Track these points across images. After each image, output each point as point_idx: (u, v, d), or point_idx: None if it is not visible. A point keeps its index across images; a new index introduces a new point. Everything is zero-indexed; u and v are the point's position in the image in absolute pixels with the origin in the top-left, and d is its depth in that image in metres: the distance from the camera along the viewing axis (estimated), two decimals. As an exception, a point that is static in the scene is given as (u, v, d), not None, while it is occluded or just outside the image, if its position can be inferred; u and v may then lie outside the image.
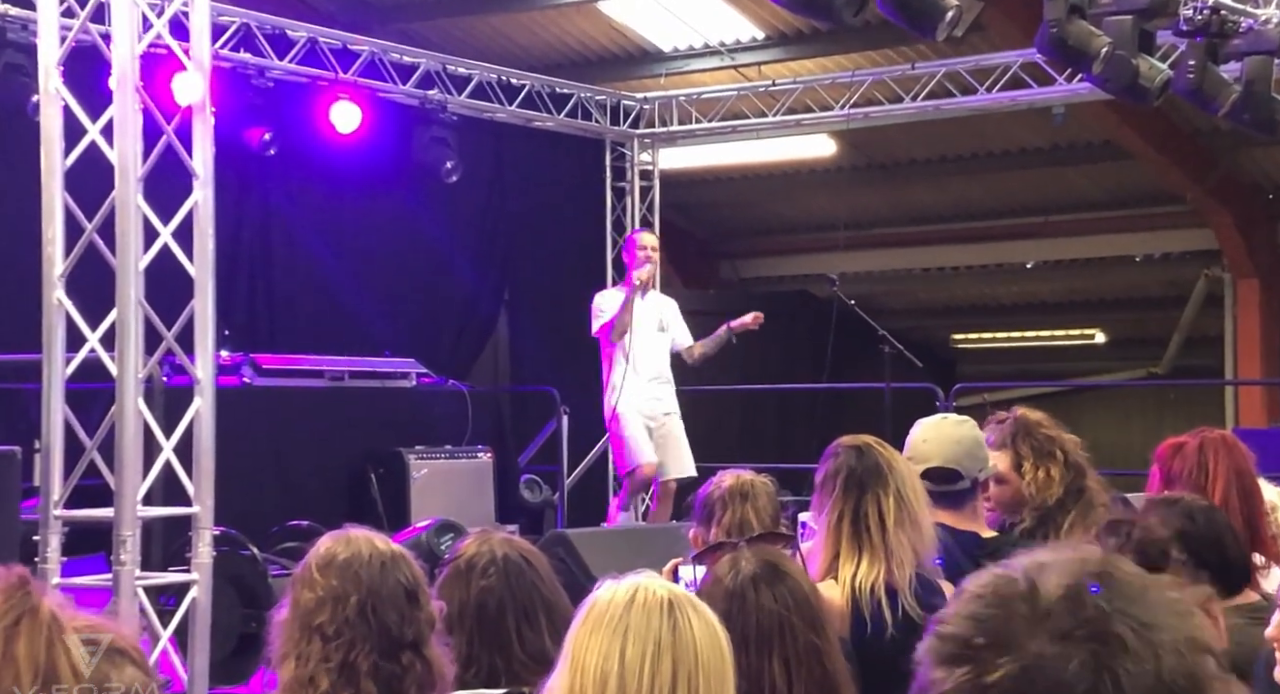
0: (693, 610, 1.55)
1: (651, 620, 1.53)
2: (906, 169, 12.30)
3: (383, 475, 6.82)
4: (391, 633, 1.99)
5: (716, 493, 3.32)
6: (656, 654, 1.51)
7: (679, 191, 11.80)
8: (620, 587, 1.59)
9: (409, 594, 2.04)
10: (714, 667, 1.54)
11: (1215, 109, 6.50)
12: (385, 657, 1.97)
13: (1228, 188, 11.32)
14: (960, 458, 3.14)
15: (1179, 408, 13.28)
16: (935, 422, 3.28)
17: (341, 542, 2.09)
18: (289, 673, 1.99)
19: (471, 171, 8.46)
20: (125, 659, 1.02)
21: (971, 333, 15.56)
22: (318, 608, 2.00)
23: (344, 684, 1.94)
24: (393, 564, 2.06)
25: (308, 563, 2.10)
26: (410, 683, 1.98)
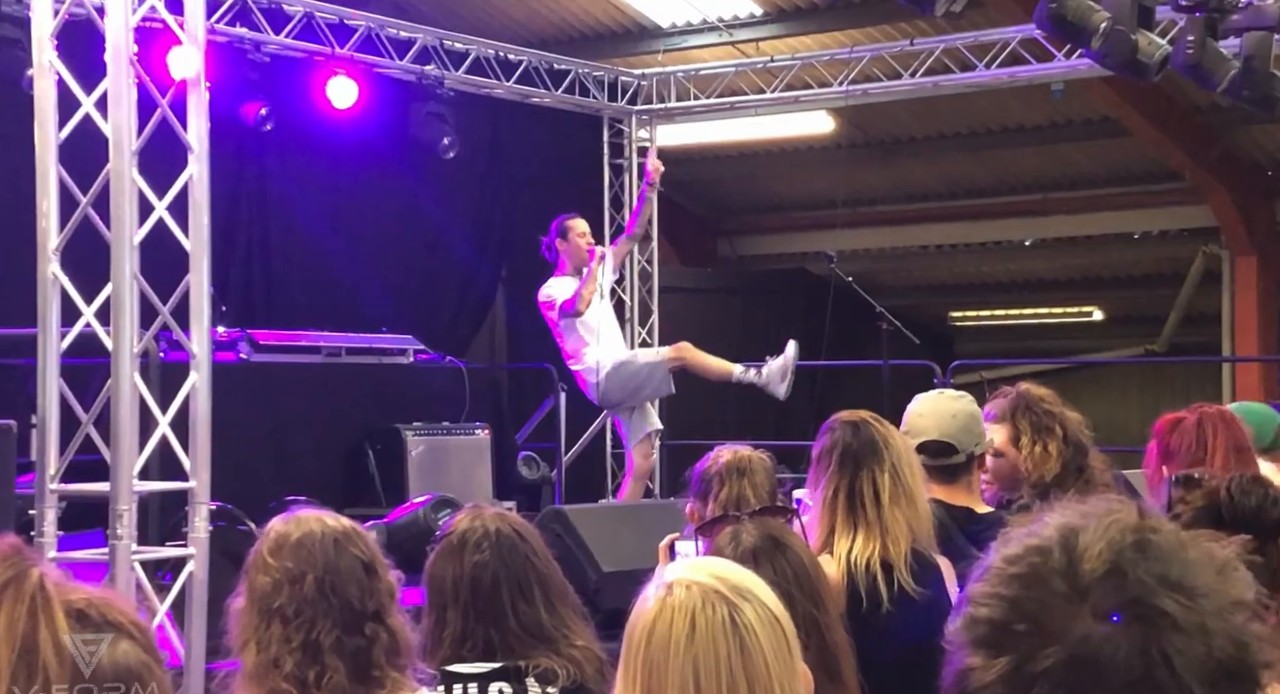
0: (754, 616, 1.50)
1: (720, 649, 1.48)
2: (905, 146, 12.27)
3: (380, 452, 6.82)
4: (354, 607, 1.99)
5: (713, 468, 3.32)
6: (734, 684, 1.47)
7: (676, 168, 11.74)
8: (673, 609, 1.50)
9: (366, 567, 2.04)
10: (784, 667, 1.51)
11: (1214, 85, 6.48)
12: (348, 631, 1.98)
13: (1226, 165, 11.29)
14: (956, 432, 3.14)
15: (1176, 385, 13.29)
16: (932, 396, 3.27)
17: (292, 523, 2.09)
18: (251, 659, 1.99)
19: (469, 148, 8.44)
20: (121, 633, 1.00)
21: (969, 310, 15.55)
22: (274, 591, 2.01)
23: (309, 663, 1.95)
24: (346, 539, 2.06)
25: (259, 548, 2.09)
26: (378, 652, 1.99)
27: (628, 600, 1.57)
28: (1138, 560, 0.85)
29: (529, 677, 2.32)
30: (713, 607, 1.49)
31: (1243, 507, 1.79)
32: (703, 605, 1.50)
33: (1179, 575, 0.85)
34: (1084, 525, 0.88)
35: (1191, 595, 0.84)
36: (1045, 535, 0.89)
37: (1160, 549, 0.86)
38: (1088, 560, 0.86)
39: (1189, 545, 0.88)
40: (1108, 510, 0.89)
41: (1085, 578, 0.85)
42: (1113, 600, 0.84)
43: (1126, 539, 0.86)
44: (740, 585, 1.53)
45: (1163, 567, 0.85)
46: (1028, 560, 0.88)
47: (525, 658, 2.33)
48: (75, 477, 3.95)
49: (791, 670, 1.51)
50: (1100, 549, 0.86)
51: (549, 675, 2.32)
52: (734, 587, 1.52)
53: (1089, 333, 15.21)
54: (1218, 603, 0.84)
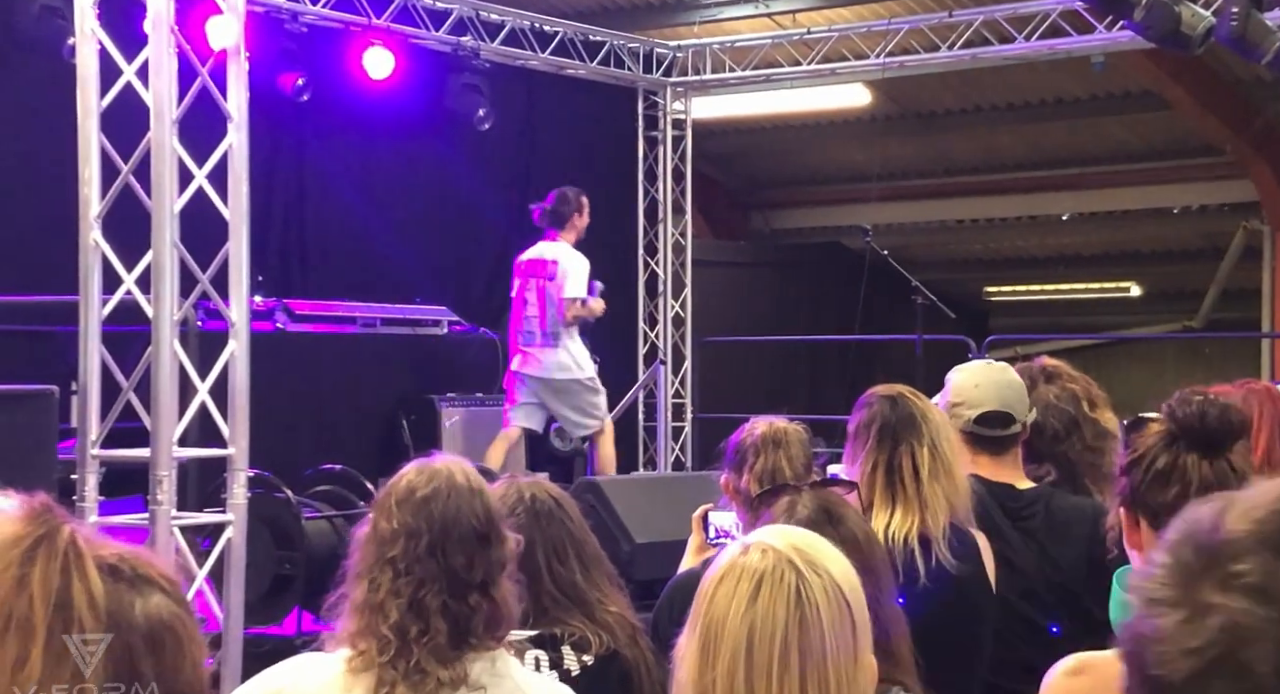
0: (821, 592, 1.48)
1: (778, 616, 1.48)
2: (942, 119, 12.17)
3: (414, 422, 6.86)
4: (459, 575, 1.99)
5: (749, 439, 3.31)
6: (785, 652, 1.47)
7: (711, 141, 11.73)
8: (748, 560, 1.50)
9: (479, 536, 2.02)
10: (843, 650, 1.50)
11: (1259, 57, 6.38)
12: (454, 597, 1.98)
13: (1268, 139, 11.14)
14: (1013, 402, 3.07)
15: (1214, 362, 13.17)
16: (980, 366, 3.20)
17: (425, 474, 2.06)
18: (362, 593, 2.00)
19: (504, 119, 8.43)
20: (153, 587, 1.01)
21: (1005, 285, 15.46)
22: (392, 540, 2.00)
23: (414, 619, 1.96)
24: (469, 504, 2.04)
25: (389, 491, 2.07)
26: (478, 622, 1.99)
27: (661, 571, 1.58)
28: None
29: (565, 645, 2.34)
30: (781, 574, 1.49)
31: (1185, 418, 1.78)
32: (772, 571, 1.50)
33: None
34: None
35: None
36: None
37: None
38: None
39: None
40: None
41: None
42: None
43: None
44: (816, 560, 1.51)
45: None
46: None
47: (560, 624, 2.34)
48: (116, 443, 4.00)
49: (851, 655, 1.50)
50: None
51: (583, 644, 2.34)
52: (810, 559, 1.51)
53: (1126, 308, 15.09)
54: None
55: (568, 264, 6.93)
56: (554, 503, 2.46)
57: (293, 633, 5.08)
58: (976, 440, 3.04)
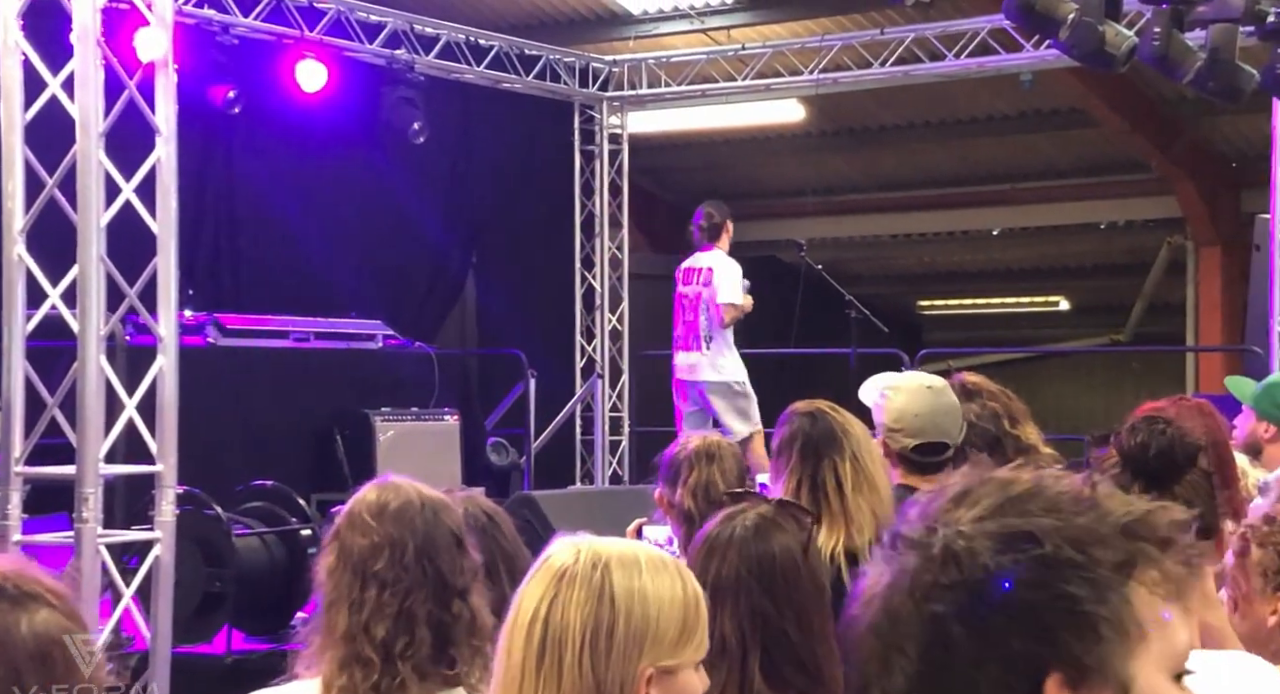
0: (590, 573, 1.55)
1: (582, 609, 1.54)
2: (875, 135, 12.32)
3: (348, 437, 6.81)
4: (446, 580, 1.98)
5: (682, 454, 3.33)
6: (530, 626, 1.54)
7: (648, 155, 11.76)
8: (559, 560, 1.59)
9: (458, 541, 2.03)
10: (592, 630, 1.54)
11: (1180, 77, 6.52)
12: (439, 604, 1.97)
13: (1192, 156, 11.40)
14: (950, 428, 3.08)
15: (1141, 374, 13.43)
16: (920, 391, 3.14)
17: (390, 490, 2.05)
18: (342, 620, 1.96)
19: (439, 133, 8.41)
20: (39, 603, 0.99)
21: (938, 299, 15.65)
22: (373, 554, 1.97)
23: (401, 631, 1.93)
24: (443, 510, 2.05)
25: (356, 510, 2.04)
26: (461, 631, 1.98)
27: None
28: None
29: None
30: (588, 569, 1.56)
31: (1131, 451, 1.82)
32: (582, 565, 1.57)
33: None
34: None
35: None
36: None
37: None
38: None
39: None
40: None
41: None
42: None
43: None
44: (630, 558, 1.57)
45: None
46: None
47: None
48: (41, 459, 3.94)
49: (603, 649, 1.54)
50: None
51: None
52: (623, 558, 1.57)
53: (1056, 322, 15.34)
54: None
55: (723, 270, 7.33)
56: (487, 518, 2.45)
57: (222, 651, 5.02)
58: (910, 463, 3.08)
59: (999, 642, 0.90)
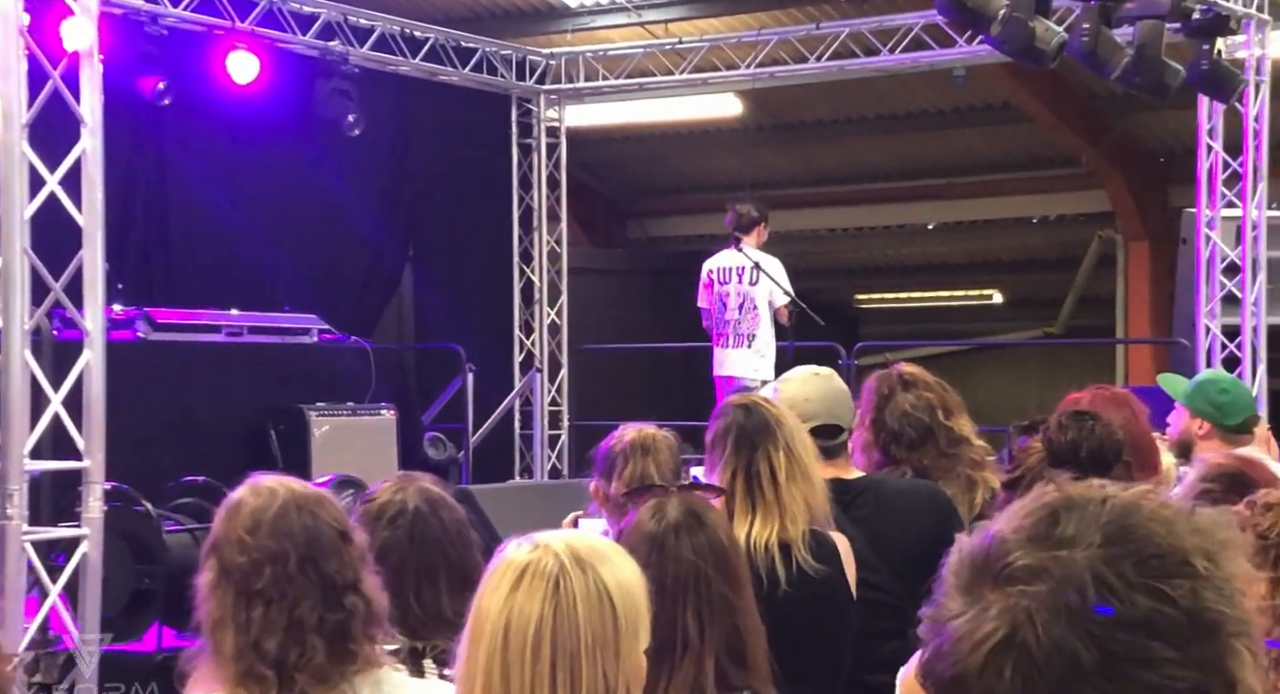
0: (581, 587, 1.53)
1: (533, 607, 1.52)
2: (812, 129, 12.39)
3: (283, 432, 6.75)
4: (335, 581, 1.94)
5: (618, 447, 3.33)
6: (538, 642, 1.51)
7: (586, 149, 11.76)
8: (517, 554, 1.56)
9: (341, 535, 1.98)
10: (601, 640, 1.53)
11: (1108, 72, 6.63)
12: (330, 607, 1.93)
13: (1121, 151, 11.59)
14: (840, 412, 3.20)
15: (1072, 366, 13.60)
16: (807, 378, 3.30)
17: (263, 495, 1.98)
18: (230, 641, 1.90)
19: (375, 125, 8.34)
20: None
21: (874, 293, 15.79)
22: (254, 572, 1.91)
23: (293, 642, 1.89)
24: (319, 508, 1.98)
25: (230, 525, 1.97)
26: (356, 625, 1.94)
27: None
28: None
29: (426, 658, 2.31)
30: (545, 569, 1.54)
31: (1061, 448, 1.86)
32: (535, 564, 1.54)
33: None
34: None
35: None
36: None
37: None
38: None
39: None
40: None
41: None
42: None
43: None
44: (584, 556, 1.55)
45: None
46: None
47: (425, 639, 2.31)
48: (-36, 457, 3.86)
49: (612, 651, 1.53)
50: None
51: (445, 658, 2.30)
52: (577, 555, 1.55)
53: (989, 315, 15.53)
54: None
55: (769, 268, 7.34)
56: (434, 515, 2.36)
57: (153, 649, 4.96)
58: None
59: (1154, 666, 0.86)
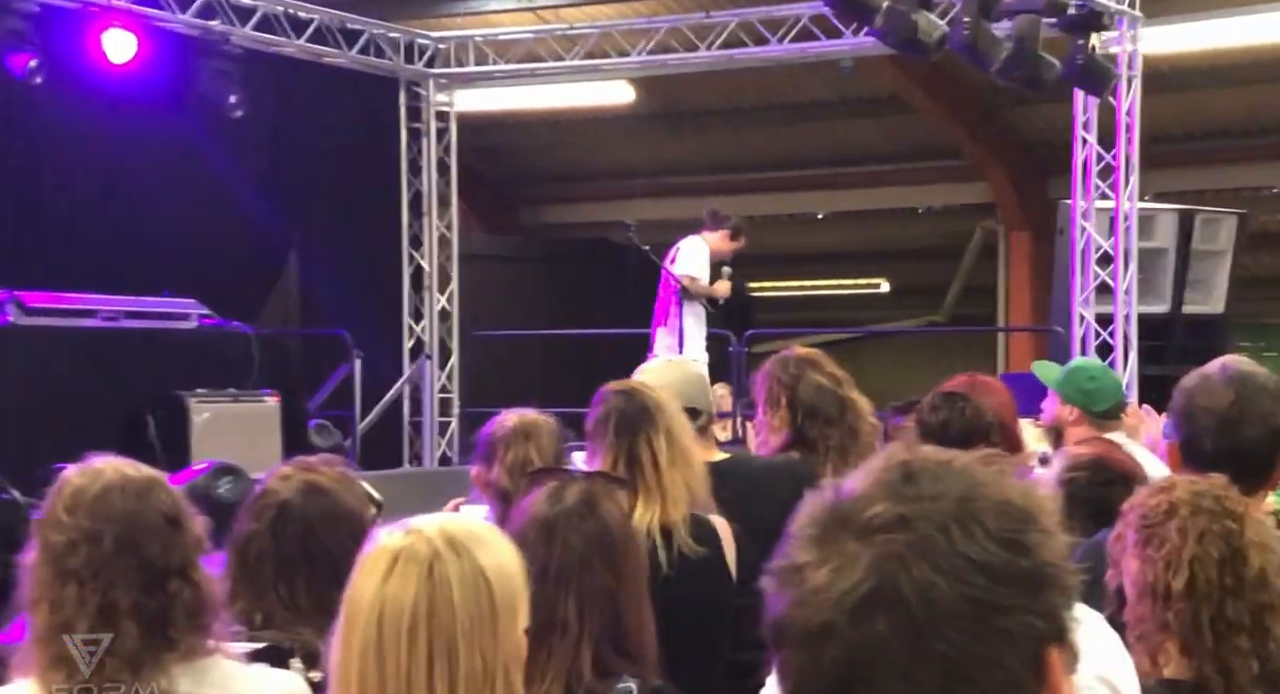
0: (456, 571, 1.52)
1: (407, 593, 1.51)
2: (703, 118, 12.47)
3: (161, 418, 6.58)
4: (155, 564, 1.91)
5: (500, 432, 3.32)
6: (414, 627, 1.50)
7: (478, 135, 11.67)
8: (389, 540, 1.55)
9: (169, 520, 1.95)
10: (478, 623, 1.52)
11: (988, 65, 6.79)
12: (148, 591, 1.90)
13: (1002, 143, 11.87)
14: (697, 396, 3.25)
15: (956, 354, 13.90)
16: (662, 366, 3.46)
17: (89, 475, 1.96)
18: (43, 620, 1.89)
19: (258, 107, 8.18)
20: None
21: (766, 281, 15.94)
22: (69, 551, 1.89)
23: (102, 625, 1.87)
24: (148, 490, 1.96)
25: (52, 503, 1.96)
26: (178, 611, 1.91)
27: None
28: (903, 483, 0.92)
29: (294, 657, 2.26)
30: (417, 554, 1.53)
31: (932, 427, 1.91)
32: (407, 549, 1.53)
33: (941, 489, 0.91)
34: (858, 472, 0.95)
35: (957, 502, 0.90)
36: (825, 486, 0.96)
37: (921, 470, 0.92)
38: (854, 494, 0.93)
39: (954, 463, 0.94)
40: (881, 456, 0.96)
41: (849, 507, 0.92)
42: (864, 519, 0.91)
43: (889, 466, 0.93)
44: (460, 540, 1.55)
45: (926, 485, 0.91)
46: (808, 507, 0.95)
47: (289, 635, 2.26)
48: None
49: (490, 632, 1.53)
50: (865, 482, 0.93)
51: (313, 657, 2.25)
52: (451, 540, 1.54)
53: (877, 304, 15.80)
54: (981, 506, 0.90)
55: (685, 247, 7.55)
56: (307, 512, 2.29)
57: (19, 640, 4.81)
58: None
59: (1010, 613, 0.88)
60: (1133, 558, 2.07)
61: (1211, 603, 2.00)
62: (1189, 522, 2.04)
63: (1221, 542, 2.02)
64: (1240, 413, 2.39)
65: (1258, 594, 2.02)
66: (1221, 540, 2.02)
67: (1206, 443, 2.37)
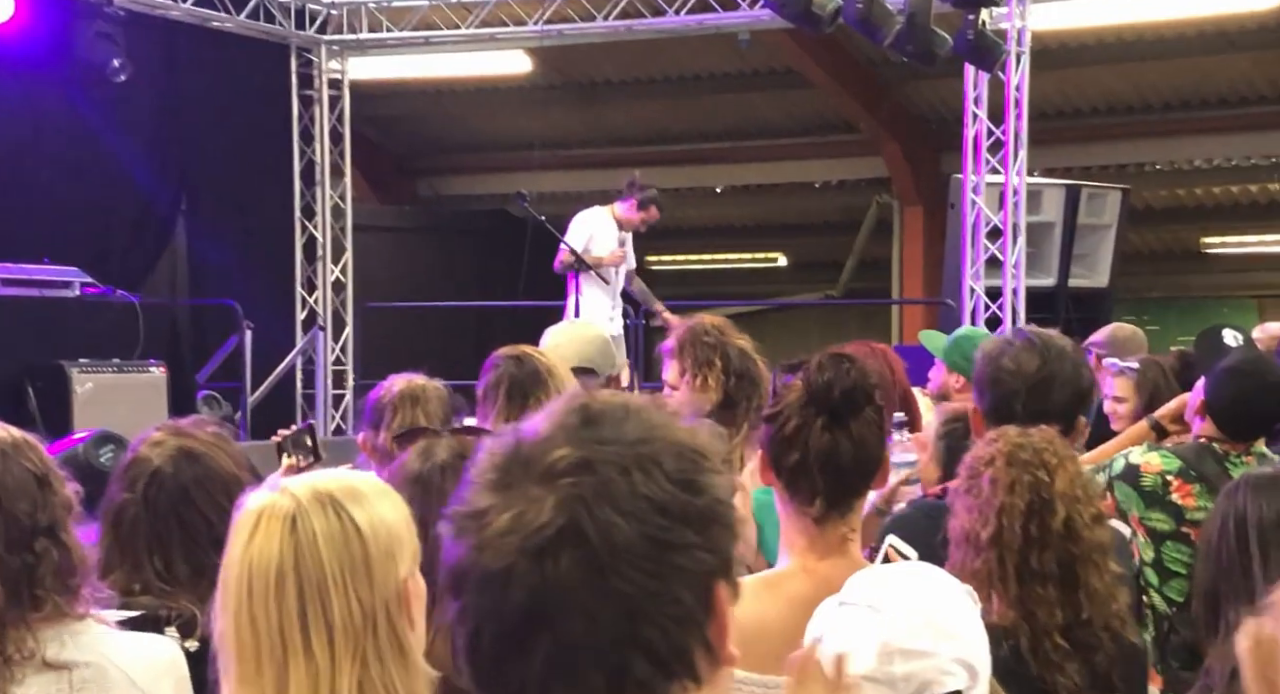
0: (322, 526, 1.51)
1: (271, 549, 1.50)
2: (602, 89, 12.43)
3: (41, 389, 6.41)
4: (22, 522, 1.88)
5: (387, 397, 3.30)
6: (280, 583, 1.49)
7: (372, 104, 11.50)
8: (254, 501, 1.54)
9: (39, 479, 1.92)
10: (350, 570, 1.51)
11: (880, 39, 6.87)
12: (13, 548, 1.87)
13: (897, 118, 12.02)
14: (594, 356, 3.31)
15: (852, 326, 14.10)
16: (565, 326, 3.47)
17: None
18: None
19: (143, 71, 7.96)
20: None
21: (665, 255, 15.99)
22: None
23: None
24: (16, 451, 1.93)
25: None
26: (45, 570, 1.88)
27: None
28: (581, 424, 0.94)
29: (169, 625, 2.22)
30: (280, 509, 1.52)
31: (818, 387, 1.94)
32: (271, 507, 1.53)
33: (622, 432, 0.93)
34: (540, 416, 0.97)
35: (633, 444, 0.93)
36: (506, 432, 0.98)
37: (600, 414, 0.95)
38: (534, 438, 0.95)
39: (633, 407, 0.96)
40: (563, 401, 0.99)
41: (527, 451, 0.94)
42: (546, 463, 0.93)
43: (568, 410, 0.95)
44: (328, 493, 1.54)
45: (605, 429, 0.93)
46: (489, 452, 0.97)
47: (165, 604, 2.22)
48: None
49: (364, 578, 1.52)
50: (545, 427, 0.95)
51: (190, 626, 2.20)
52: (320, 494, 1.53)
53: (775, 278, 15.94)
54: (657, 448, 0.93)
55: (577, 218, 7.57)
56: (179, 479, 2.24)
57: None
58: None
59: (685, 550, 0.91)
60: (958, 507, 2.13)
61: (1014, 552, 2.05)
62: (1002, 472, 2.09)
63: (1029, 492, 2.07)
64: (1049, 375, 2.47)
65: (1067, 545, 2.07)
66: (1029, 491, 2.07)
67: (1017, 406, 2.44)
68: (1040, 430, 2.17)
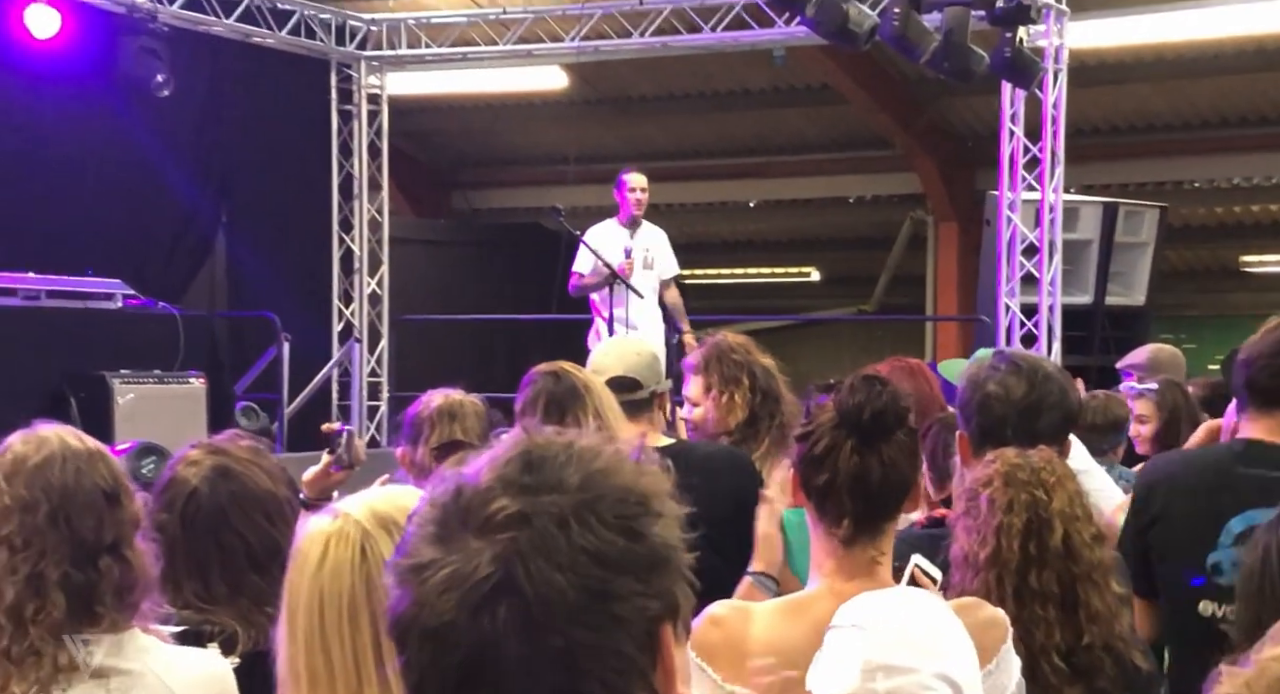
0: (387, 538, 1.50)
1: (344, 578, 1.50)
2: (636, 105, 12.48)
3: (84, 400, 6.50)
4: (87, 539, 1.90)
5: (425, 412, 3.33)
6: (354, 612, 1.49)
7: (410, 119, 11.61)
8: (319, 526, 1.54)
9: (108, 496, 1.93)
10: None
11: (917, 56, 6.88)
12: (78, 565, 1.89)
13: (932, 135, 12.01)
14: (639, 368, 3.25)
15: (885, 342, 14.08)
16: (614, 339, 3.47)
17: (33, 444, 1.93)
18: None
19: (186, 86, 8.07)
20: None
21: (697, 269, 16.02)
22: (3, 518, 1.89)
23: (30, 595, 1.85)
24: (89, 465, 1.94)
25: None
26: (106, 588, 1.90)
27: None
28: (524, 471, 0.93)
29: (212, 641, 2.24)
30: (348, 537, 1.52)
31: (848, 410, 1.95)
32: (339, 534, 1.52)
33: (564, 477, 0.92)
34: (486, 457, 0.96)
35: (577, 491, 0.92)
36: (448, 475, 0.97)
37: (542, 457, 0.94)
38: (475, 485, 0.94)
39: (578, 449, 0.95)
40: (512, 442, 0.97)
41: (466, 499, 0.93)
42: (484, 514, 0.92)
43: (509, 456, 0.94)
44: (389, 517, 1.53)
45: (547, 474, 0.92)
46: (432, 498, 0.96)
47: (208, 620, 2.22)
48: None
49: None
50: (487, 473, 0.94)
51: (231, 642, 2.20)
52: (382, 518, 1.53)
53: (808, 292, 15.93)
54: (601, 494, 0.92)
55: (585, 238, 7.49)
56: (216, 499, 2.25)
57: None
58: None
59: (625, 599, 0.90)
60: (958, 530, 2.13)
61: (1012, 571, 2.04)
62: (999, 493, 2.08)
63: (1027, 511, 2.06)
64: (1038, 400, 2.46)
65: (1067, 564, 2.05)
66: (1027, 510, 2.06)
67: (1007, 431, 2.42)
68: (1039, 451, 2.17)
